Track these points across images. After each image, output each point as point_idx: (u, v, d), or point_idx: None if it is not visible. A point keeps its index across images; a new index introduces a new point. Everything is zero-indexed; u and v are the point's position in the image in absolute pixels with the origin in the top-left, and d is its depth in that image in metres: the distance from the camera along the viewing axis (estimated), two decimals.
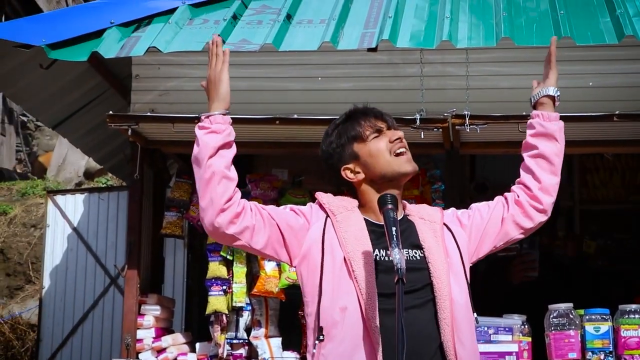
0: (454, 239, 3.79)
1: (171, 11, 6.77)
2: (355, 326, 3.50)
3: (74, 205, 9.04)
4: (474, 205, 4.00)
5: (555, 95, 4.00)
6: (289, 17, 6.61)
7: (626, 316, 6.30)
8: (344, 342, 3.51)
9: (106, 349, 8.74)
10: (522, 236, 3.96)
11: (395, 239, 3.35)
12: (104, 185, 12.64)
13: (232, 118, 3.72)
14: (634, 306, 6.33)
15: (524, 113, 6.14)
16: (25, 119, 18.21)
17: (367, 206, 3.75)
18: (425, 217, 3.83)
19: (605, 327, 6.31)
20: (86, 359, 8.83)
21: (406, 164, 3.72)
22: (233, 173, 3.67)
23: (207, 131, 3.67)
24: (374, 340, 3.45)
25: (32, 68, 6.87)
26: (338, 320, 3.52)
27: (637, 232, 9.66)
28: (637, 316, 6.29)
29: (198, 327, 7.81)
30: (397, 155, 3.71)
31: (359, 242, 3.60)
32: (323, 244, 3.63)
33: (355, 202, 3.80)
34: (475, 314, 3.71)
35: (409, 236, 3.68)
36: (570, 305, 6.36)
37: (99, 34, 6.44)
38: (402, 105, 6.54)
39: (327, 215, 3.69)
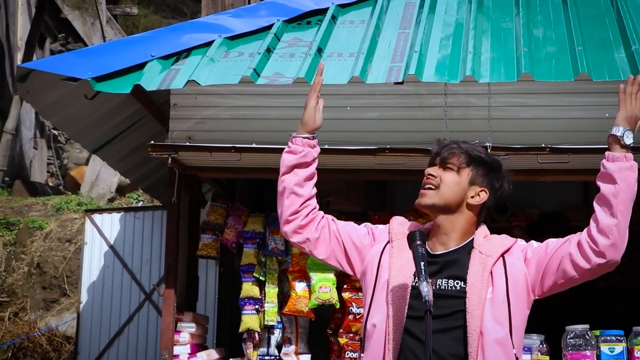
0: (505, 274, 3.84)
1: (208, 44, 7.02)
2: (378, 343, 3.77)
3: (110, 223, 9.36)
4: (548, 240, 3.97)
5: (618, 134, 3.78)
6: (319, 50, 6.84)
7: (639, 337, 6.54)
8: (370, 355, 3.80)
9: None
10: (578, 277, 3.80)
11: (423, 272, 3.58)
12: (139, 205, 12.89)
13: (267, 147, 4.05)
14: None
15: (543, 145, 6.41)
16: (56, 132, 18.49)
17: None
18: (483, 250, 3.90)
19: (619, 347, 6.54)
20: None
21: (419, 198, 3.95)
22: (305, 190, 4.02)
23: (286, 150, 4.02)
24: (388, 350, 3.72)
25: (77, 98, 7.13)
26: (370, 335, 3.81)
27: None
28: None
29: (229, 343, 8.04)
30: (421, 189, 3.94)
31: (403, 269, 3.84)
32: (378, 266, 3.90)
33: (422, 228, 3.99)
34: (514, 349, 3.74)
35: (457, 268, 3.83)
36: (587, 326, 6.59)
37: (140, 66, 6.68)
38: (427, 135, 6.53)
39: (389, 240, 3.96)
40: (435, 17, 7.49)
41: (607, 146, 3.81)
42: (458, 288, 3.76)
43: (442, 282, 3.80)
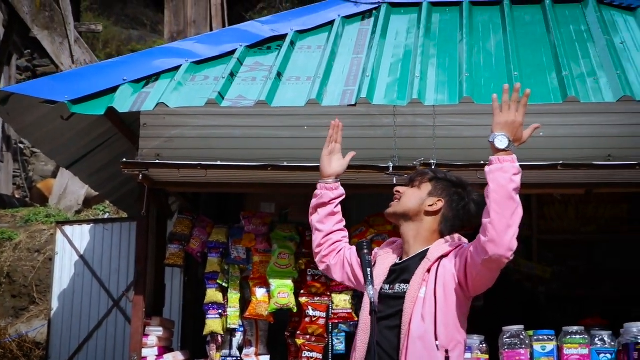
0: (436, 275, 4.20)
1: (176, 68, 7.44)
2: (357, 341, 4.31)
3: (81, 234, 9.70)
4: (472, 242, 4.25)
5: (490, 140, 4.07)
6: (279, 74, 7.27)
7: (569, 336, 6.99)
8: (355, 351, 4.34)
9: None
10: (477, 272, 4.09)
11: (369, 278, 4.16)
12: (106, 216, 13.25)
13: (230, 164, 4.57)
14: (575, 328, 7.01)
15: (482, 162, 6.87)
16: (22, 145, 18.75)
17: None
18: (428, 256, 4.27)
19: (551, 346, 6.98)
20: None
21: (386, 210, 4.49)
22: (326, 226, 4.61)
23: (314, 194, 4.65)
24: (354, 348, 4.29)
25: (53, 119, 7.52)
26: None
27: (588, 260, 10.27)
28: (578, 336, 6.96)
29: (193, 346, 8.33)
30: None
31: (378, 279, 4.34)
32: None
33: (394, 243, 4.56)
34: (437, 341, 4.09)
35: (407, 273, 4.27)
36: (522, 327, 7.03)
37: (113, 89, 7.09)
38: (377, 152, 7.16)
39: (375, 261, 4.46)
40: (386, 43, 7.93)
41: (538, 164, 4.35)
42: (404, 290, 4.20)
43: (396, 286, 4.26)
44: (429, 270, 4.22)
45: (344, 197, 4.64)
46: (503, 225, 3.97)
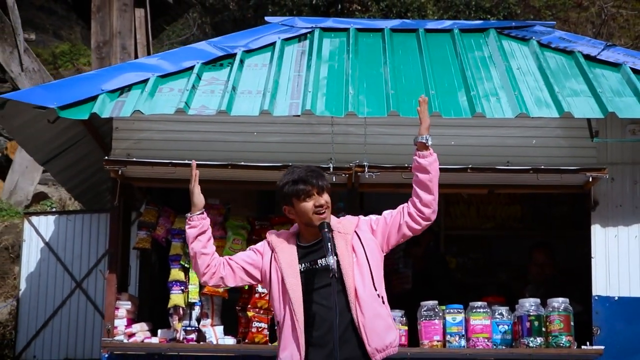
0: (361, 243, 5.24)
1: (144, 81, 8.23)
2: (289, 322, 5.20)
3: (46, 224, 10.35)
4: (384, 213, 5.39)
5: (423, 141, 5.25)
6: (234, 88, 8.12)
7: (474, 310, 7.93)
8: (286, 329, 5.22)
9: (72, 339, 10.11)
10: (411, 234, 5.29)
11: (330, 251, 5.12)
12: (52, 210, 13.89)
13: (190, 163, 5.47)
14: (479, 303, 7.96)
15: (406, 165, 7.66)
16: None
17: (301, 233, 5.42)
18: (341, 230, 5.27)
19: (459, 317, 7.92)
20: (55, 347, 10.12)
21: (319, 220, 5.26)
22: (208, 249, 5.30)
23: (189, 226, 5.34)
24: (296, 325, 5.15)
25: (37, 121, 8.26)
26: (284, 316, 5.24)
27: (488, 253, 11.18)
28: (481, 310, 7.91)
29: (156, 319, 8.84)
30: (317, 214, 5.27)
31: (290, 263, 5.28)
32: (270, 269, 5.35)
33: (289, 233, 5.47)
34: (377, 291, 5.16)
35: (318, 252, 5.25)
36: (436, 302, 7.98)
37: (93, 98, 7.89)
38: (317, 155, 8.07)
39: (272, 249, 5.40)
40: (322, 63, 8.76)
41: (451, 167, 5.36)
42: (330, 263, 5.07)
43: (318, 261, 5.24)
44: (351, 242, 5.29)
45: None
46: (437, 198, 5.32)
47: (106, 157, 8.05)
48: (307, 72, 8.58)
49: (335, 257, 5.16)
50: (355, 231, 5.35)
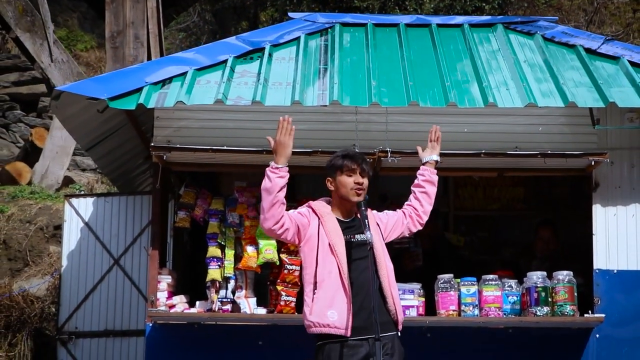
0: (377, 224, 6.08)
1: (183, 74, 8.67)
2: (335, 282, 5.79)
3: (85, 206, 10.81)
4: (388, 212, 6.30)
5: (437, 159, 6.50)
6: (266, 80, 8.57)
7: (486, 283, 8.39)
8: (329, 290, 5.80)
9: (111, 312, 10.57)
10: (408, 235, 6.42)
11: (367, 226, 5.77)
12: (81, 193, 14.27)
13: (233, 149, 6.29)
14: (490, 276, 8.41)
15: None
16: None
17: (335, 208, 6.02)
18: (370, 217, 6.04)
19: (473, 289, 8.36)
20: (95, 320, 10.57)
21: (355, 197, 5.96)
22: (284, 200, 5.73)
23: (277, 175, 5.66)
24: (346, 288, 5.76)
25: (85, 112, 8.73)
26: (323, 279, 5.81)
27: (494, 232, 11.53)
28: (493, 282, 8.36)
29: (190, 292, 9.22)
30: (355, 191, 5.95)
31: (337, 232, 5.89)
32: (319, 234, 5.92)
33: (328, 207, 6.04)
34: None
35: (357, 228, 5.99)
36: (451, 275, 8.44)
37: (138, 90, 8.35)
38: (342, 142, 8.40)
39: (318, 217, 5.97)
40: (343, 56, 9.18)
41: (464, 152, 6.08)
42: (365, 239, 5.85)
43: (357, 236, 5.95)
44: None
45: None
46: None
47: (152, 144, 8.51)
48: (332, 65, 8.96)
49: (371, 233, 5.77)
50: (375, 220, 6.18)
